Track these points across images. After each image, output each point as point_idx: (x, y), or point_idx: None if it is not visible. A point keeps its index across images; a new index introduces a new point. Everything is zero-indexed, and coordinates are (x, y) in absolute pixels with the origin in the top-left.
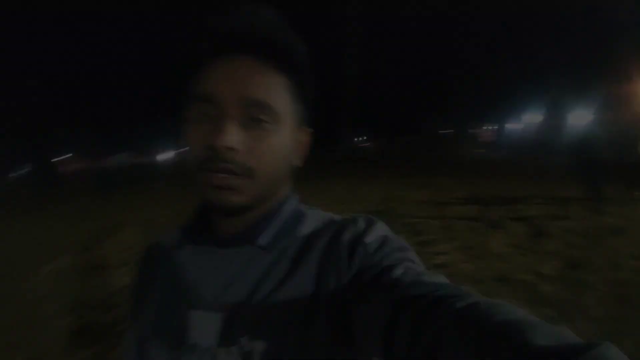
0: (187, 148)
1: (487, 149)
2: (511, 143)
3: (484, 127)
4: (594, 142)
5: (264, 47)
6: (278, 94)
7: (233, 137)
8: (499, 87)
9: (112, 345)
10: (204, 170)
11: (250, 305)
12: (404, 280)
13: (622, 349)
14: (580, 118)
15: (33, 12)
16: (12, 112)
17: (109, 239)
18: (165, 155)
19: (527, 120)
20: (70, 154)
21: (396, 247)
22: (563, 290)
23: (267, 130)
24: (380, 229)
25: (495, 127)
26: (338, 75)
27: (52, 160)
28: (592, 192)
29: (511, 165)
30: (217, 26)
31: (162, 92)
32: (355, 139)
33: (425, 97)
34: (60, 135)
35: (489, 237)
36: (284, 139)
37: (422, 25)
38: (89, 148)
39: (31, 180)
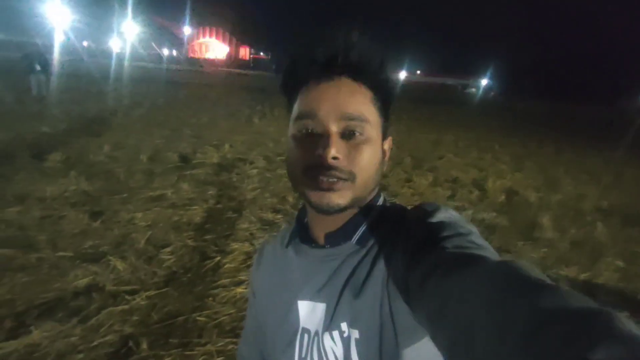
0: (289, 158)
1: None
2: None
3: None
4: None
5: (356, 70)
6: (369, 109)
7: (337, 147)
8: None
9: None
10: (310, 176)
11: (346, 295)
12: (447, 247)
13: None
14: None
15: None
16: None
17: None
18: None
19: None
20: None
21: (455, 232)
22: None
23: (362, 140)
24: (442, 214)
25: None
26: None
27: None
28: None
29: None
30: (318, 54)
31: None
32: None
33: None
34: None
35: None
36: (375, 147)
37: None
38: None
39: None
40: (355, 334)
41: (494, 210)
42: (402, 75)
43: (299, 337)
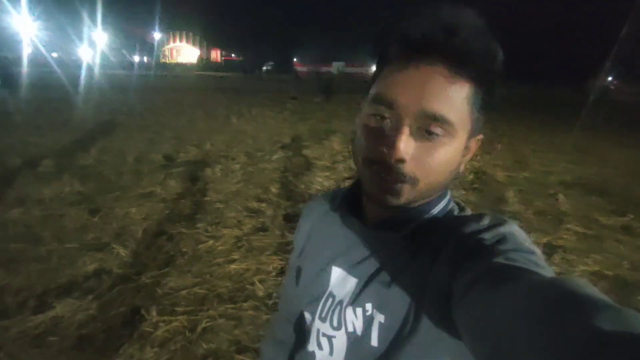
0: (355, 139)
1: None
2: None
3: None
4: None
5: (457, 57)
6: (460, 107)
7: (406, 149)
8: None
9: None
10: (370, 169)
11: (378, 280)
12: (500, 260)
13: None
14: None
15: None
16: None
17: (319, 142)
18: None
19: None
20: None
21: (514, 248)
22: None
23: (440, 143)
24: (504, 229)
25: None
26: None
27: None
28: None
29: None
30: (410, 29)
31: None
32: None
33: None
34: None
35: None
36: (454, 151)
37: None
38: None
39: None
40: (381, 318)
41: (463, 189)
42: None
43: (324, 298)
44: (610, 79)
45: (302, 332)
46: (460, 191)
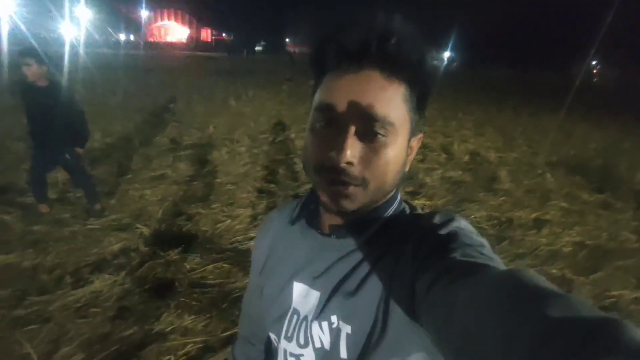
0: (305, 149)
1: None
2: None
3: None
4: None
5: (390, 61)
6: (397, 108)
7: (352, 152)
8: None
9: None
10: (321, 176)
11: (342, 290)
12: (456, 256)
13: None
14: None
15: None
16: None
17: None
18: None
19: None
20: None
21: (467, 242)
22: None
23: (383, 143)
24: (455, 224)
25: None
26: None
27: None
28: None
29: None
30: (347, 39)
31: None
32: None
33: None
34: None
35: None
36: (398, 150)
37: None
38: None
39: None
40: (348, 329)
41: (459, 169)
42: None
43: (288, 316)
44: (594, 63)
45: (269, 355)
46: (457, 171)
